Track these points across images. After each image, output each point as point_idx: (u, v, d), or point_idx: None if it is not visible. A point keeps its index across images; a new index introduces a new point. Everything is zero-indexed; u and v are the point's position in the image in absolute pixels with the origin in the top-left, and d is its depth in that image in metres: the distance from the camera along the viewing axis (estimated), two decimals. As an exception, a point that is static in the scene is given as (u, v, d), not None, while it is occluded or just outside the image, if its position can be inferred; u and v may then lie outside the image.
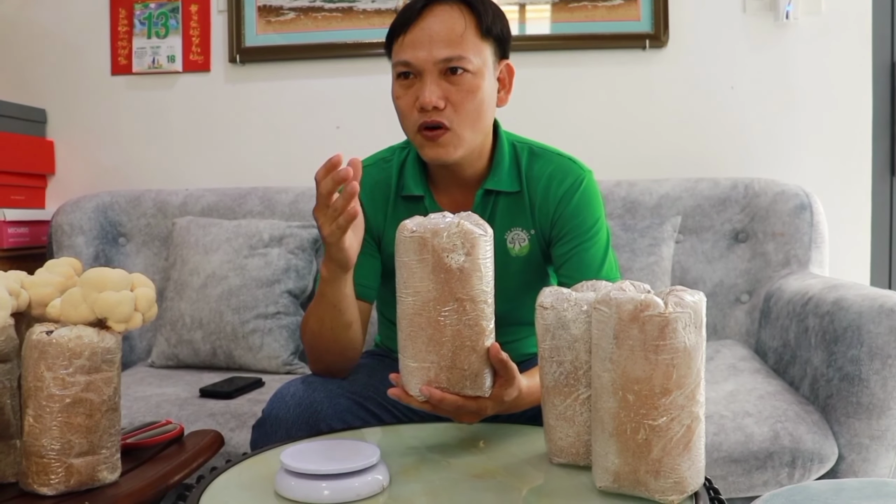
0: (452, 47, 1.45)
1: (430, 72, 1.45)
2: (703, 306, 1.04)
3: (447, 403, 1.20)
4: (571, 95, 2.78)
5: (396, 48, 1.49)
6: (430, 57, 1.45)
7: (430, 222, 1.18)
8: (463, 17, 1.47)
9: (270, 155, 2.89)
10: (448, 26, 1.46)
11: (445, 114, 1.46)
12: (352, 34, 2.82)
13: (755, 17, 2.72)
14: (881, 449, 1.80)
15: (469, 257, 1.16)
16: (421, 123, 1.47)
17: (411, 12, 1.47)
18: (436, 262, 1.16)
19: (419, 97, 1.45)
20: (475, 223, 1.20)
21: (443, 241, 1.16)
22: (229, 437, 1.86)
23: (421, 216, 1.22)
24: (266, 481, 1.13)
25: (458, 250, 1.16)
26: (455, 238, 1.16)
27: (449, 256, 1.16)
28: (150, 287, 1.29)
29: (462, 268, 1.16)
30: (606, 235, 1.58)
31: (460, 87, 1.46)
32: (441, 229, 1.16)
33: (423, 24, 1.46)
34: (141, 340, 2.61)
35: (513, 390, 1.26)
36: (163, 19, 2.90)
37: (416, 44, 1.46)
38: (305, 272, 2.45)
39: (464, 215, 1.21)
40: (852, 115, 2.70)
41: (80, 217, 2.63)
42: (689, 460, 1.03)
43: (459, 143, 1.49)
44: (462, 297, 1.17)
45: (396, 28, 1.49)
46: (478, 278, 1.17)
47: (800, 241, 2.41)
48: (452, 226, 1.17)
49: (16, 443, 1.27)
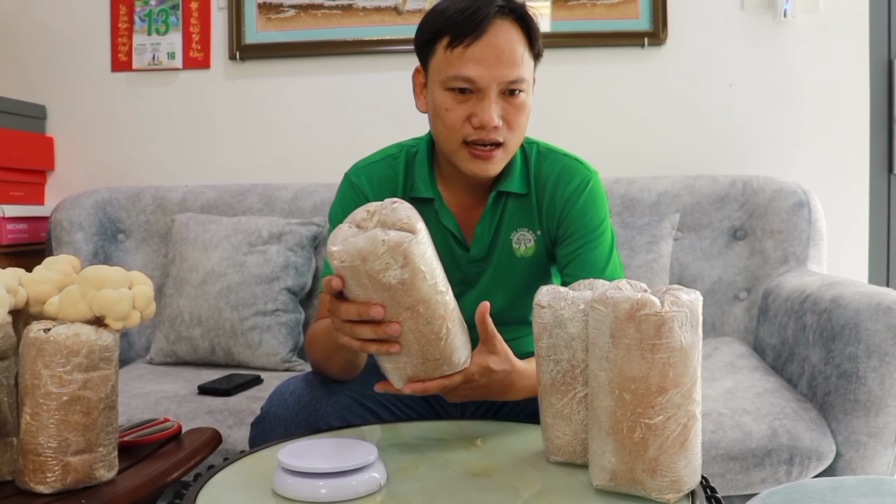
0: (517, 68, 1.42)
1: (493, 91, 1.42)
2: (699, 305, 1.04)
3: (432, 389, 1.22)
4: (571, 93, 2.78)
5: (450, 58, 1.42)
6: (496, 76, 1.41)
7: (356, 244, 1.10)
8: (520, 36, 1.43)
9: (270, 152, 2.89)
10: (512, 46, 1.41)
11: (501, 132, 1.44)
12: (352, 31, 2.82)
13: (753, 15, 2.72)
14: (879, 446, 1.80)
15: (406, 267, 1.10)
16: (474, 140, 1.44)
17: (473, 23, 1.40)
18: (375, 284, 1.12)
19: (477, 114, 1.42)
20: (401, 225, 1.12)
21: (375, 265, 1.10)
22: (227, 434, 1.86)
23: (345, 230, 1.14)
24: (264, 479, 1.13)
25: (393, 267, 1.10)
26: (385, 257, 1.09)
27: (385, 276, 1.10)
28: (148, 285, 1.29)
29: (402, 280, 1.11)
30: (611, 236, 1.58)
31: (516, 107, 1.44)
32: (368, 252, 1.09)
33: (489, 39, 1.40)
34: (140, 337, 2.61)
35: (501, 360, 1.26)
36: (163, 16, 2.90)
37: (479, 60, 1.40)
38: (305, 269, 2.45)
39: (385, 212, 1.14)
40: (850, 112, 2.71)
41: (80, 213, 2.63)
42: (686, 459, 1.03)
43: (506, 159, 1.49)
44: (412, 304, 1.13)
45: (449, 35, 1.42)
46: (421, 279, 1.13)
47: (798, 239, 2.42)
48: (378, 244, 1.09)
49: (13, 440, 1.27)
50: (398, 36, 2.79)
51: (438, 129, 1.48)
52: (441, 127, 1.47)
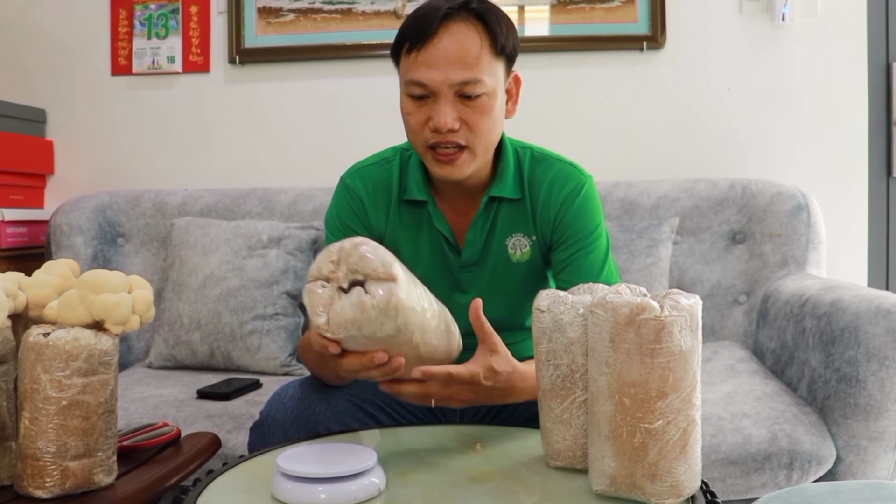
0: (469, 70, 1.40)
1: (445, 94, 1.40)
2: (698, 309, 1.04)
3: (438, 375, 1.19)
4: (569, 96, 2.78)
5: (408, 64, 1.43)
6: (445, 79, 1.39)
7: (344, 316, 1.07)
8: (478, 36, 1.41)
9: (270, 156, 2.89)
10: (464, 47, 1.40)
11: (460, 134, 1.43)
12: (351, 35, 2.82)
13: (752, 19, 2.72)
14: (879, 450, 1.80)
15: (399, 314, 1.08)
16: (434, 143, 1.44)
17: (425, 27, 1.40)
18: (372, 340, 1.10)
19: (432, 117, 1.41)
20: (378, 275, 1.08)
21: (369, 328, 1.08)
22: (227, 438, 1.86)
23: (320, 294, 1.10)
24: (263, 484, 1.13)
25: (387, 322, 1.08)
26: (378, 318, 1.07)
27: (381, 331, 1.09)
28: (147, 289, 1.29)
29: (398, 327, 1.09)
30: (606, 241, 1.58)
31: (475, 109, 1.42)
32: (360, 320, 1.07)
33: (439, 43, 1.39)
34: (139, 341, 2.61)
35: (503, 361, 1.26)
36: (163, 20, 2.90)
37: (430, 64, 1.40)
38: (304, 273, 2.44)
39: (353, 260, 1.08)
40: (849, 116, 2.71)
41: (79, 217, 2.63)
42: (686, 463, 1.03)
43: (472, 161, 1.47)
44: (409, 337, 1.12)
45: (408, 42, 1.43)
46: (413, 314, 1.11)
47: (797, 242, 2.42)
48: (368, 309, 1.06)
49: (11, 445, 1.26)
50: (397, 40, 2.79)
51: (407, 135, 1.50)
52: (408, 132, 1.49)
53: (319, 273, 1.11)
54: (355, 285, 1.09)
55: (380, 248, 1.11)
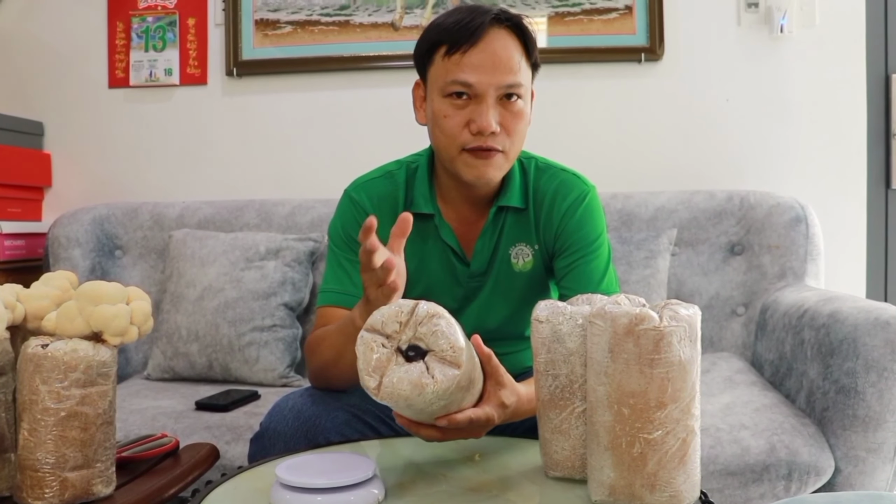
0: (514, 74, 1.44)
1: (491, 96, 1.44)
2: (697, 320, 1.04)
3: (461, 421, 1.16)
4: (567, 108, 2.78)
5: (448, 66, 1.45)
6: (493, 81, 1.43)
7: (400, 389, 1.04)
8: (517, 44, 1.47)
9: (267, 168, 2.90)
10: (508, 52, 1.45)
11: (499, 138, 1.46)
12: (348, 48, 2.83)
13: (750, 31, 2.73)
14: (878, 461, 1.80)
15: (449, 398, 1.08)
16: (473, 146, 1.45)
17: (471, 30, 1.43)
18: (419, 413, 1.11)
19: (475, 120, 1.44)
20: (443, 356, 1.05)
21: (419, 403, 1.05)
22: (225, 450, 1.85)
23: (377, 353, 1.06)
24: (261, 495, 1.13)
25: (438, 403, 1.07)
26: (432, 398, 1.05)
27: (431, 408, 1.08)
28: (145, 300, 1.29)
29: (447, 404, 1.10)
30: (608, 250, 1.59)
31: (514, 114, 1.47)
32: (414, 398, 1.04)
33: (486, 45, 1.43)
34: (137, 353, 2.61)
35: (510, 393, 1.25)
36: (160, 32, 2.91)
37: (478, 66, 1.43)
38: (302, 285, 2.45)
39: (424, 330, 1.06)
40: (847, 127, 2.71)
41: (77, 229, 2.63)
42: (685, 474, 1.03)
43: (505, 166, 1.50)
44: (447, 409, 1.12)
45: (447, 44, 1.45)
46: (461, 393, 1.10)
47: (795, 254, 2.42)
48: (426, 392, 1.04)
49: (10, 456, 1.26)
50: (395, 52, 2.80)
51: (438, 138, 1.50)
52: (440, 135, 1.48)
53: (382, 329, 1.08)
54: (415, 349, 1.06)
55: (453, 323, 1.08)
